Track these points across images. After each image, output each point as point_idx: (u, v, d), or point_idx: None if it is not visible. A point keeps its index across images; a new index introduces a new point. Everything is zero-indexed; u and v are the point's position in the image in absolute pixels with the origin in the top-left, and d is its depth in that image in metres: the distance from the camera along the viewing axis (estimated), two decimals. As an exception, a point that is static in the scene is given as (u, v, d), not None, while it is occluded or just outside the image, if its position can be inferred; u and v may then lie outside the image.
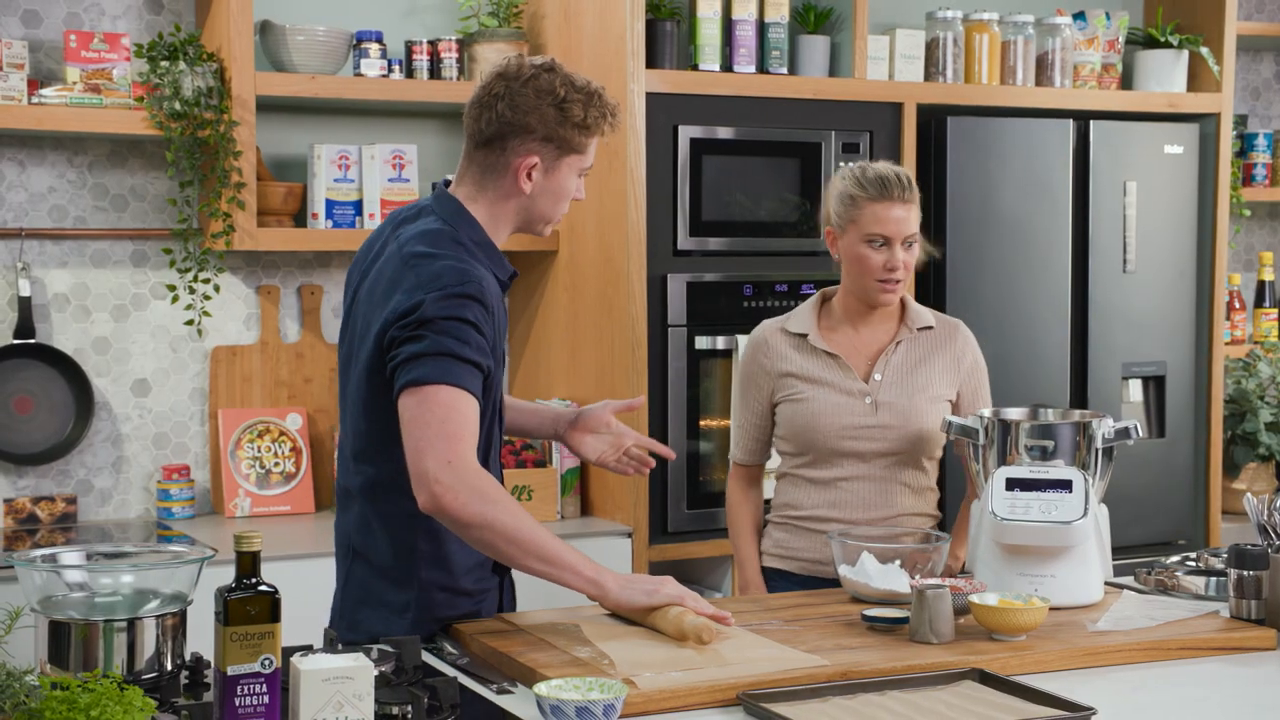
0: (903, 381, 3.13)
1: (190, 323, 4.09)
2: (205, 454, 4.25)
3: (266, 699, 1.89)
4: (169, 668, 2.16)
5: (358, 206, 4.18)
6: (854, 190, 3.09)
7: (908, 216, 3.07)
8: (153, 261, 4.16)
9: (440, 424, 2.44)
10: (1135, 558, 3.69)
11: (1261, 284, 5.39)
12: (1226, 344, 5.13)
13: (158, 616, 2.14)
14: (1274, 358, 5.16)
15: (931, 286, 4.43)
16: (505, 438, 4.21)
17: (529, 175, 2.62)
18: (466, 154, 2.68)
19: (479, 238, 2.64)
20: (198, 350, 4.24)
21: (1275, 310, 5.36)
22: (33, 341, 4.02)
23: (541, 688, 2.13)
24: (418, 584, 2.63)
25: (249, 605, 1.89)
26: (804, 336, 3.15)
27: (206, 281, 4.09)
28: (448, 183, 2.73)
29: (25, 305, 4.00)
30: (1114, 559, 3.53)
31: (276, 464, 4.21)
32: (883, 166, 3.11)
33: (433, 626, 2.63)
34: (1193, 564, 3.08)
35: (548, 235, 2.79)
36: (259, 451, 4.20)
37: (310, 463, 4.25)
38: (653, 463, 2.97)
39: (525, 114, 2.58)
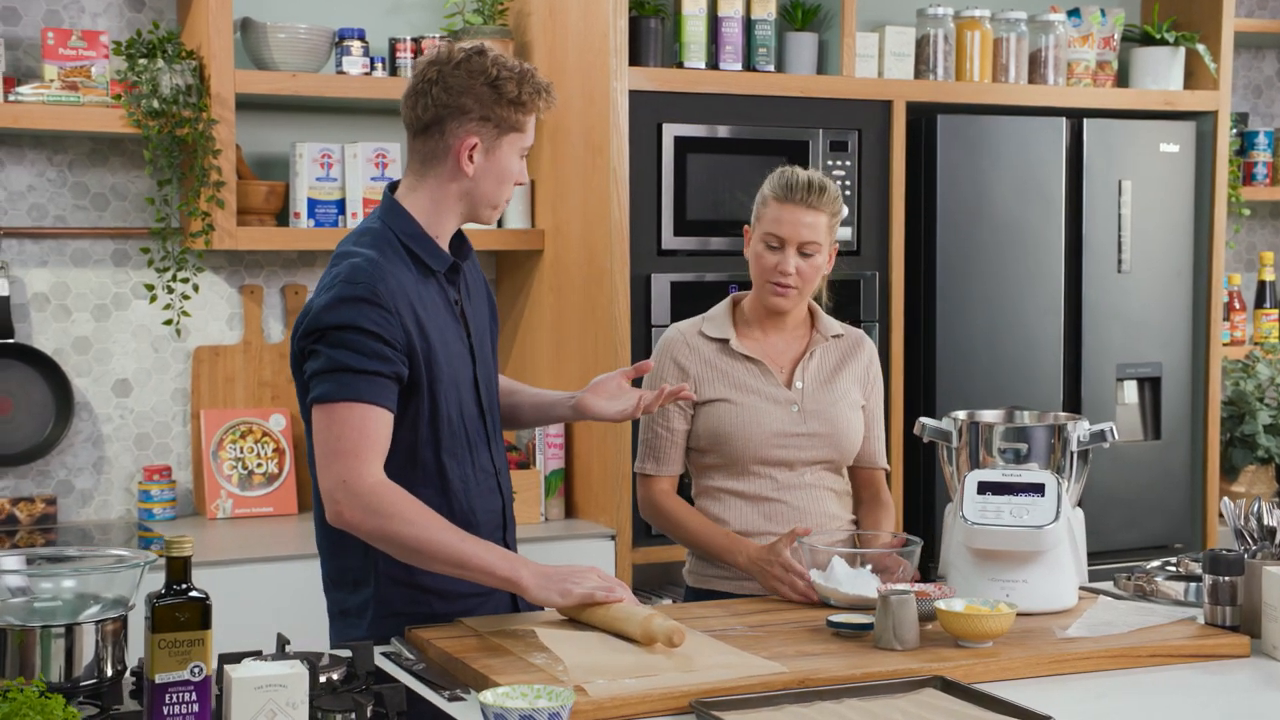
0: (824, 389, 3.06)
1: (169, 322, 4.06)
2: (187, 455, 4.22)
3: (196, 708, 1.85)
4: (109, 674, 2.11)
5: (340, 205, 4.15)
6: (765, 189, 3.04)
7: (808, 223, 2.97)
8: (134, 261, 4.13)
9: (337, 442, 2.49)
10: (1130, 562, 3.64)
11: (1262, 284, 5.32)
12: (1226, 345, 5.07)
13: (97, 622, 2.09)
14: (1273, 359, 5.10)
15: (923, 287, 4.38)
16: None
17: (470, 157, 2.60)
18: (408, 145, 2.68)
19: (411, 230, 2.63)
20: (180, 350, 4.21)
21: (1276, 310, 5.29)
22: (11, 341, 4.00)
23: (487, 695, 2.09)
24: (376, 580, 2.64)
25: (178, 612, 1.85)
26: (724, 341, 3.07)
27: (185, 281, 4.05)
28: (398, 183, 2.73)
29: (3, 305, 3.97)
30: (1108, 563, 3.46)
31: (259, 465, 4.18)
32: (803, 171, 3.03)
33: (397, 624, 2.62)
34: (1173, 569, 3.03)
35: (493, 222, 2.75)
36: (241, 452, 4.17)
37: (293, 464, 4.21)
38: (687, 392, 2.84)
39: (460, 95, 2.58)
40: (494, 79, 2.57)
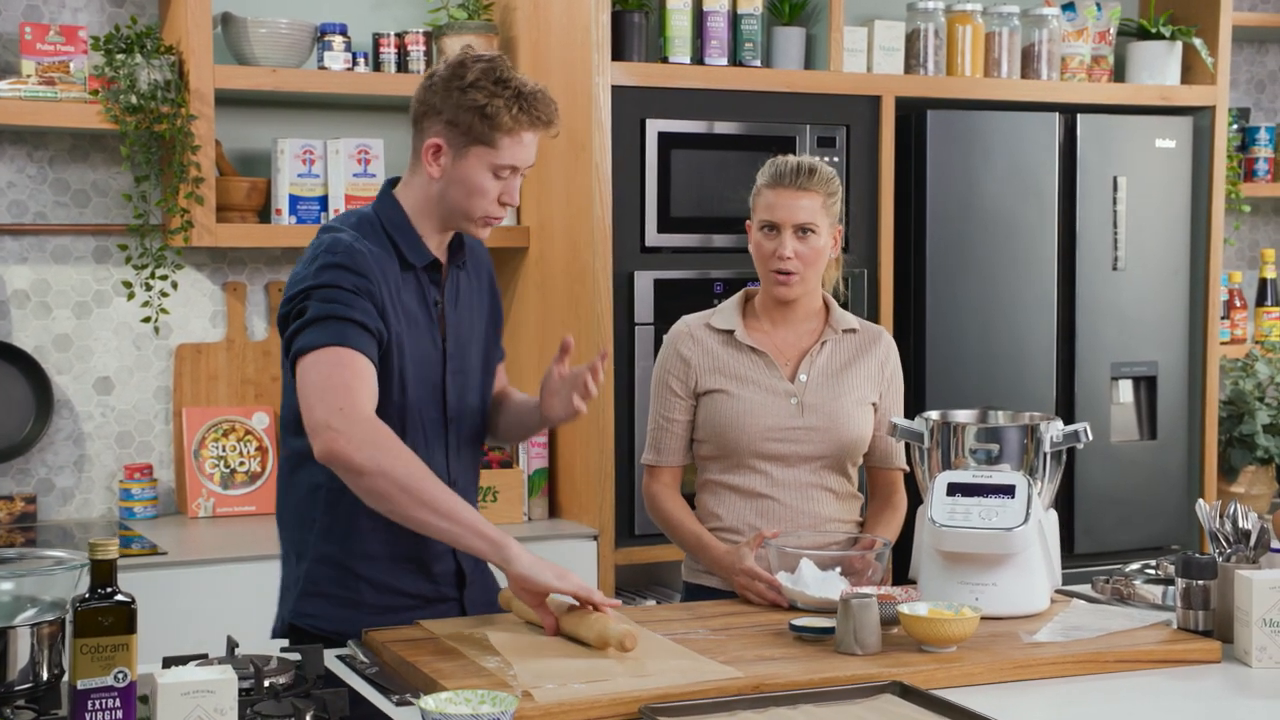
0: (829, 383, 3.00)
1: (147, 320, 4.02)
2: (169, 453, 4.19)
3: (120, 714, 1.81)
4: (45, 677, 2.08)
5: (323, 202, 4.11)
6: (758, 179, 3.01)
7: (801, 205, 2.93)
8: (115, 258, 4.10)
9: (329, 378, 2.45)
10: (1125, 563, 3.58)
11: (1264, 282, 5.25)
12: (1226, 343, 5.00)
13: (33, 625, 2.06)
14: (1273, 358, 5.03)
15: (912, 285, 4.33)
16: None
17: (434, 159, 2.57)
18: None
19: (397, 221, 2.62)
20: (162, 348, 4.18)
21: (1278, 309, 5.22)
22: (-9, 339, 3.98)
23: (428, 701, 2.05)
24: (310, 555, 2.64)
25: (102, 616, 1.81)
26: (730, 333, 3.03)
27: (164, 279, 4.02)
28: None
29: (-17, 302, 3.95)
30: (1103, 564, 3.38)
31: (241, 463, 4.15)
32: (794, 157, 3.00)
33: (321, 605, 2.62)
34: (1152, 572, 2.98)
35: (479, 235, 2.67)
36: (224, 451, 4.14)
37: (276, 463, 4.17)
38: (592, 383, 2.68)
39: (435, 95, 2.56)
40: (467, 84, 2.52)
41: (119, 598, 1.84)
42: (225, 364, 4.21)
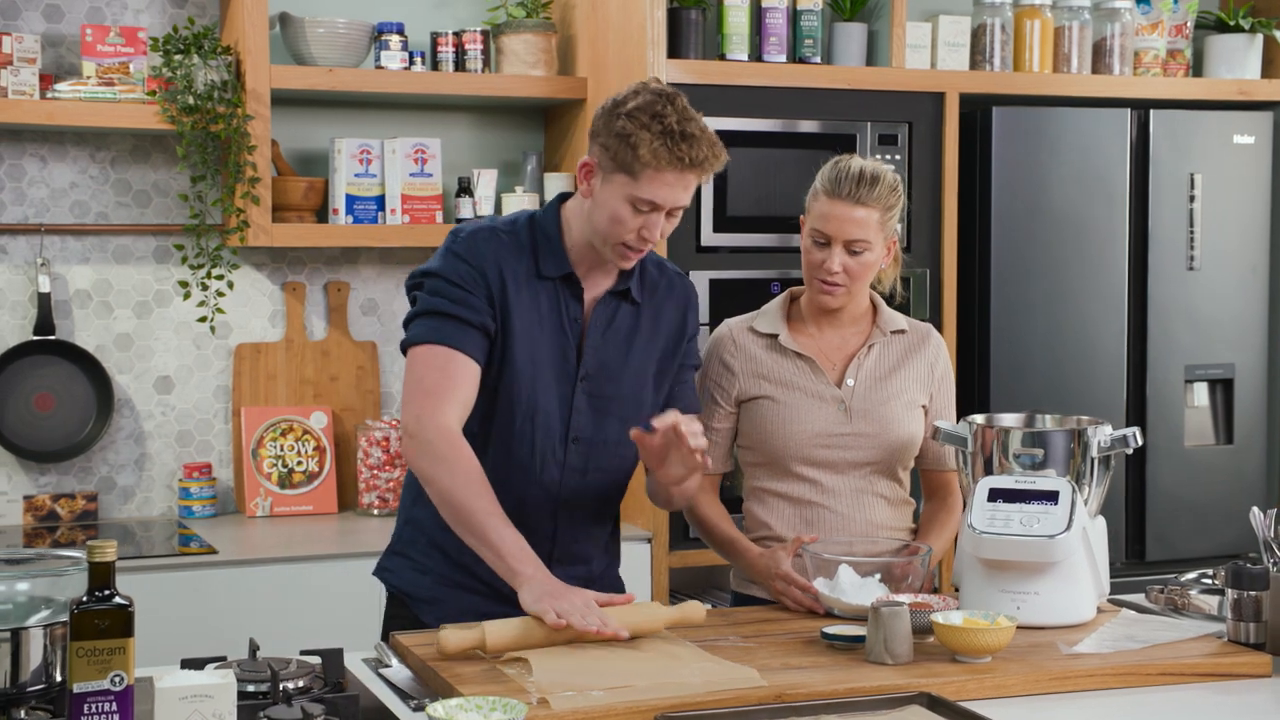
0: (877, 387, 2.91)
1: (203, 319, 4.04)
2: (229, 452, 4.20)
3: (117, 718, 1.80)
4: (58, 679, 2.07)
5: (379, 201, 4.10)
6: (816, 181, 2.89)
7: (855, 219, 2.81)
8: (175, 258, 4.12)
9: (419, 380, 2.56)
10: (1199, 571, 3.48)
11: (1349, 282, 5.09)
12: (1308, 344, 4.87)
13: (45, 626, 2.05)
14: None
15: (977, 286, 4.24)
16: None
17: (586, 178, 2.58)
18: None
19: (546, 229, 2.65)
20: (221, 347, 4.19)
21: (1364, 310, 5.06)
22: (53, 338, 4.00)
23: (437, 708, 2.02)
24: (403, 516, 2.79)
25: (99, 619, 1.80)
26: (774, 337, 2.96)
27: (220, 278, 4.03)
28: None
29: (45, 302, 3.98)
30: (1176, 572, 3.27)
31: (299, 463, 4.15)
32: (858, 162, 2.87)
33: (397, 563, 2.77)
34: (1209, 581, 2.88)
35: (623, 265, 2.61)
36: (281, 450, 4.14)
37: (334, 462, 4.18)
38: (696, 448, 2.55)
39: (601, 117, 2.56)
40: (623, 111, 2.51)
41: (117, 600, 1.83)
42: (284, 364, 4.22)
